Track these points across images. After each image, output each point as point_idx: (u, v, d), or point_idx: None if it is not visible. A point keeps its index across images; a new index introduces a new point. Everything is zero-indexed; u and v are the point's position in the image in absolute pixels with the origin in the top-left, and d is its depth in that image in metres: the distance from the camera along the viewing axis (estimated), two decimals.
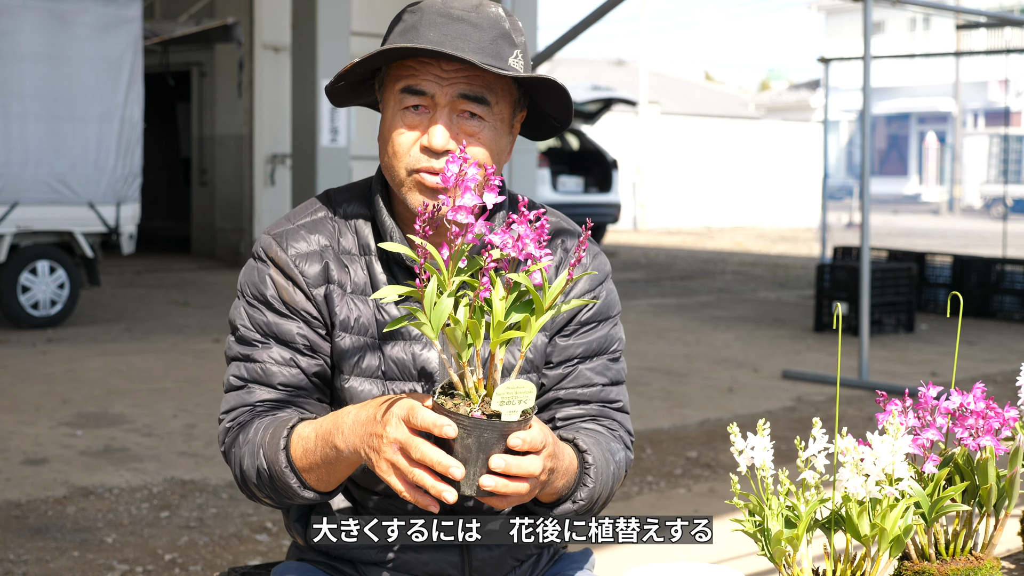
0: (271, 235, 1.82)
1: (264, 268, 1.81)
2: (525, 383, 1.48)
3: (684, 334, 10.47)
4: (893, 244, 17.72)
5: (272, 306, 1.79)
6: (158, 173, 18.50)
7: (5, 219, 9.59)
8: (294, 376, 1.78)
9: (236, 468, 1.77)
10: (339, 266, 1.80)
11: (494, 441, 1.48)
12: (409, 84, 1.72)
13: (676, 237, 24.69)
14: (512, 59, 1.73)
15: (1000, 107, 36.18)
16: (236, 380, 1.80)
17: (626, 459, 1.87)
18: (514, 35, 1.75)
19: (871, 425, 6.58)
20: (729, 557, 4.33)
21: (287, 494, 1.71)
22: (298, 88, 12.20)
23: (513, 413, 1.48)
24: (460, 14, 1.72)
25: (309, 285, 1.79)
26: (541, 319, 1.48)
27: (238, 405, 1.79)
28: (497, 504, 1.54)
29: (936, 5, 10.74)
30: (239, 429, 1.77)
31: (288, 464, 1.68)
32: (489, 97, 1.73)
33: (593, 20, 6.16)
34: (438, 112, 1.72)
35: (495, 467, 1.48)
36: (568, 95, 1.77)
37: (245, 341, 1.80)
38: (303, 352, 1.79)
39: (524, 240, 1.45)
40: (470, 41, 1.70)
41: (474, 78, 1.72)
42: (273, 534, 4.72)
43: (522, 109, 1.81)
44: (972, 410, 1.70)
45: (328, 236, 1.82)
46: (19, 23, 9.62)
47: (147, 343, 9.27)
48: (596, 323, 1.89)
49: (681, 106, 31.06)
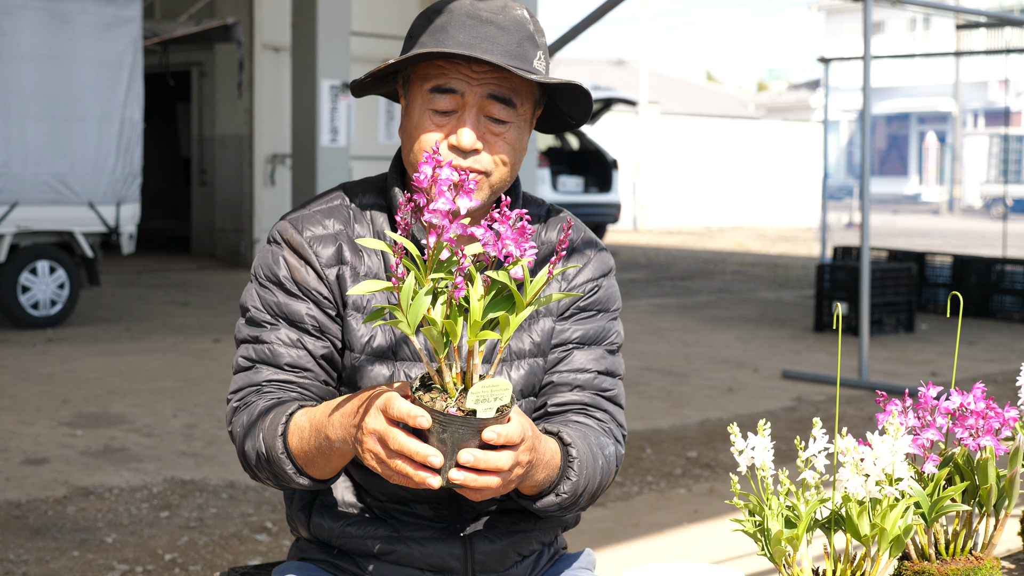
0: (287, 220, 1.87)
1: (278, 250, 1.85)
2: (501, 381, 1.50)
3: (684, 334, 10.47)
4: (893, 244, 17.72)
5: (284, 286, 1.82)
6: (158, 173, 18.50)
7: (5, 219, 9.59)
8: (300, 357, 1.81)
9: (239, 448, 1.80)
10: (353, 250, 1.84)
11: (469, 436, 1.49)
12: (439, 83, 1.76)
13: (676, 237, 24.69)
14: (536, 61, 1.78)
15: (1000, 107, 36.19)
16: (244, 361, 1.83)
17: (616, 453, 1.87)
18: (537, 36, 1.80)
19: (871, 425, 6.58)
20: (729, 557, 4.33)
21: (283, 478, 1.74)
22: (298, 88, 12.21)
23: (488, 411, 1.49)
24: (488, 16, 1.76)
25: (323, 265, 1.82)
26: (519, 316, 1.49)
27: (245, 385, 1.82)
28: (471, 497, 1.56)
29: (936, 5, 10.74)
30: (244, 409, 1.80)
31: (284, 451, 1.70)
32: (515, 99, 1.78)
33: (593, 20, 6.16)
34: (467, 112, 1.76)
35: (463, 462, 1.50)
36: (590, 98, 1.82)
37: (255, 322, 1.83)
38: (311, 333, 1.82)
39: (504, 239, 1.46)
40: (498, 44, 1.74)
41: (502, 80, 1.76)
42: (273, 534, 4.72)
43: (540, 107, 1.86)
44: (972, 410, 1.70)
45: (343, 222, 1.86)
46: (19, 23, 9.62)
47: (147, 343, 9.27)
48: (595, 311, 1.91)
49: (681, 106, 31.06)
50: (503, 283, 1.48)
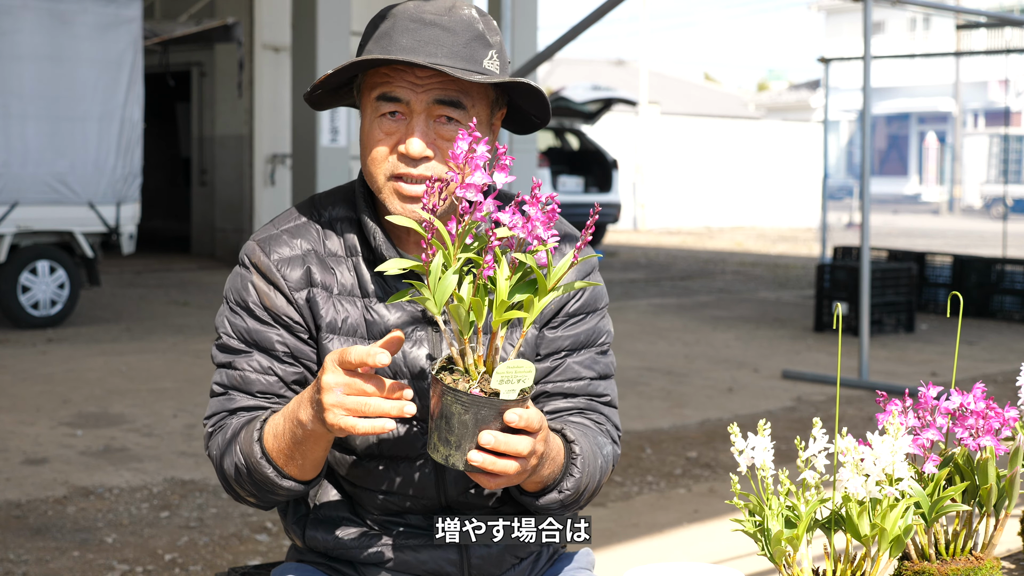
0: (255, 241, 1.84)
1: (247, 275, 1.83)
2: (525, 363, 1.50)
3: (684, 334, 10.47)
4: (893, 244, 17.72)
5: (254, 313, 1.81)
6: (158, 173, 18.50)
7: (5, 219, 9.59)
8: (272, 384, 1.80)
9: (218, 469, 1.79)
10: (324, 269, 1.82)
11: (491, 418, 1.50)
12: (384, 92, 1.74)
13: (676, 237, 24.69)
14: (487, 60, 1.75)
15: (1000, 107, 36.19)
16: (218, 387, 1.83)
17: (613, 453, 1.87)
18: (489, 35, 1.76)
19: (871, 425, 6.58)
20: (729, 557, 4.33)
21: (266, 486, 1.72)
22: (298, 88, 12.20)
23: (511, 392, 1.50)
24: (433, 19, 1.73)
25: (291, 289, 1.80)
26: (544, 300, 1.49)
27: (219, 411, 1.82)
28: (486, 483, 1.55)
29: (936, 5, 10.73)
30: (219, 432, 1.80)
31: (263, 455, 1.70)
32: (465, 101, 1.74)
33: (593, 20, 6.16)
34: (414, 119, 1.74)
35: (484, 443, 1.50)
36: (542, 95, 1.79)
37: (227, 349, 1.82)
38: (282, 360, 1.80)
39: (534, 222, 1.46)
40: (443, 46, 1.72)
41: (448, 83, 1.73)
42: (273, 534, 4.72)
43: (501, 107, 1.83)
44: (972, 410, 1.70)
45: (312, 240, 1.83)
46: (19, 23, 9.62)
47: (147, 343, 9.27)
48: (584, 315, 1.89)
49: (681, 106, 31.06)
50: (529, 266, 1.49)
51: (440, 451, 1.52)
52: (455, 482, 1.82)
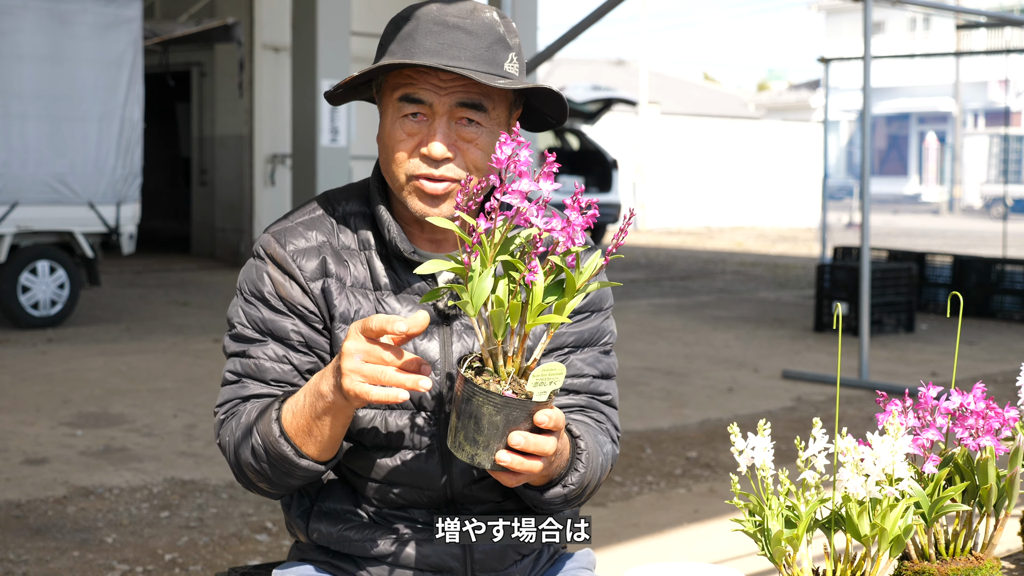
0: (270, 233, 1.86)
1: (262, 265, 1.84)
2: (557, 365, 1.52)
3: (684, 334, 10.47)
4: (893, 244, 17.72)
5: (269, 303, 1.82)
6: (158, 173, 18.50)
7: (5, 219, 9.59)
8: (286, 372, 1.81)
9: (231, 455, 1.79)
10: (338, 261, 1.83)
11: (521, 419, 1.52)
12: (407, 93, 1.76)
13: (676, 237, 24.69)
14: (507, 63, 1.76)
15: (1000, 107, 36.18)
16: (231, 375, 1.84)
17: (612, 452, 1.89)
18: (508, 38, 1.78)
19: (871, 425, 6.58)
20: (729, 557, 4.33)
21: (283, 466, 1.72)
22: (298, 88, 12.20)
23: (543, 394, 1.52)
24: (455, 21, 1.74)
25: (307, 279, 1.82)
26: (572, 301, 1.51)
27: (231, 398, 1.83)
28: (508, 480, 1.58)
29: (936, 5, 10.74)
30: (232, 418, 1.81)
31: (281, 433, 1.71)
32: (486, 103, 1.76)
33: (593, 20, 6.16)
34: (436, 121, 1.75)
35: (515, 444, 1.52)
36: (561, 98, 1.80)
37: (241, 338, 1.83)
38: (297, 349, 1.82)
39: (575, 227, 1.48)
40: (466, 49, 1.73)
41: (471, 86, 1.74)
42: (273, 534, 4.72)
43: (518, 107, 1.84)
44: (972, 410, 1.70)
45: (326, 233, 1.85)
46: (19, 23, 9.62)
47: (147, 343, 9.27)
48: (588, 313, 1.91)
49: (681, 106, 31.06)
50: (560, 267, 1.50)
51: (466, 450, 1.53)
52: (461, 474, 1.83)
